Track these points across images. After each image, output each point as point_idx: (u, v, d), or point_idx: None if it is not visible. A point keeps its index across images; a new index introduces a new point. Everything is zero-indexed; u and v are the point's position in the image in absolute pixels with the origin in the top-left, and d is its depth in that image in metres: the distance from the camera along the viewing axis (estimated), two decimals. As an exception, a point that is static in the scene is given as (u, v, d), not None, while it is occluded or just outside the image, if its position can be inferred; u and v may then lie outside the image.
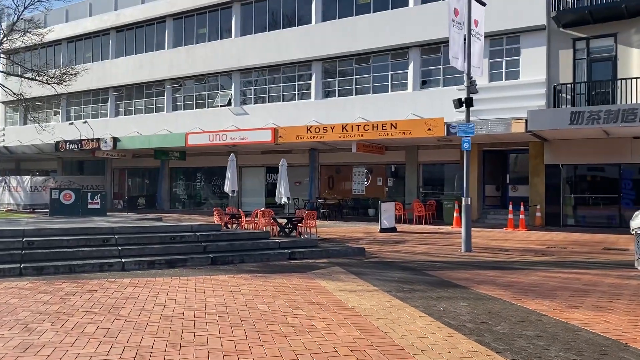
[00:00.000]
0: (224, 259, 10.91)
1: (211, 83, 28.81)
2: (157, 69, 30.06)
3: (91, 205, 16.40)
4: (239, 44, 27.49)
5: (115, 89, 32.00)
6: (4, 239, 10.43)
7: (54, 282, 8.78)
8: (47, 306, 7.06)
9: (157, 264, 10.29)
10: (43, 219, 14.67)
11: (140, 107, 31.33)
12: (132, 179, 33.52)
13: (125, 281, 8.89)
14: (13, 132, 36.53)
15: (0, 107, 38.11)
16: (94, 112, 33.11)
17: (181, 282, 8.78)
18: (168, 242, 11.42)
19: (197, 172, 30.20)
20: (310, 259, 11.52)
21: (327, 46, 24.66)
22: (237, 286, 8.46)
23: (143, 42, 31.17)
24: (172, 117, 29.49)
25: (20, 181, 29.63)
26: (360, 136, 20.60)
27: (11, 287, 8.30)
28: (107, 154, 28.91)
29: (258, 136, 23.41)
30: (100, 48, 32.93)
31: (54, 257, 10.12)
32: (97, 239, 11.01)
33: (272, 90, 26.82)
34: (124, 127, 30.57)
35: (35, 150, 30.99)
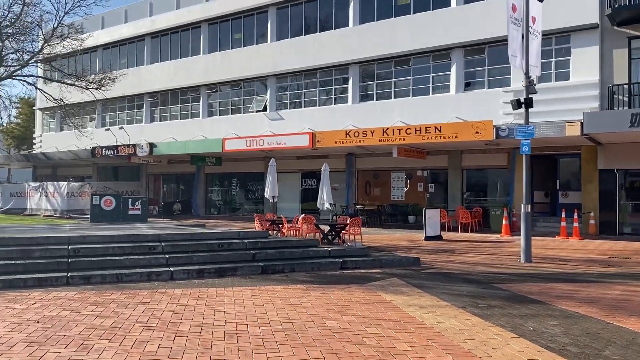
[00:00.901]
0: (275, 267, 10.39)
1: (247, 88, 28.54)
2: (193, 74, 29.94)
3: (132, 212, 16.13)
4: (274, 48, 27.16)
5: (150, 94, 32.03)
6: (49, 247, 10.12)
7: (103, 292, 8.37)
8: (101, 320, 6.62)
9: (206, 273, 9.82)
10: (85, 225, 14.42)
11: (175, 112, 31.27)
12: (167, 185, 33.45)
13: (177, 292, 8.42)
14: (50, 138, 36.96)
15: (38, 114, 38.65)
16: (129, 118, 33.21)
17: (236, 294, 8.27)
18: (216, 249, 10.96)
19: (232, 177, 29.91)
20: (362, 268, 10.91)
21: (364, 49, 24.11)
22: (296, 298, 7.90)
23: (178, 47, 31.13)
24: (208, 123, 29.31)
25: (57, 187, 29.78)
26: (402, 140, 19.93)
27: (60, 298, 7.92)
28: (142, 160, 28.83)
29: (295, 141, 22.93)
30: (135, 54, 33.05)
31: (100, 265, 9.75)
32: (143, 246, 10.62)
33: (307, 95, 26.38)
34: (159, 133, 30.52)
35: (71, 156, 31.16)
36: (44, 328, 6.21)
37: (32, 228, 12.98)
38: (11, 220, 16.31)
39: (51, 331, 6.09)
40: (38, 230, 12.17)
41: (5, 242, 10.15)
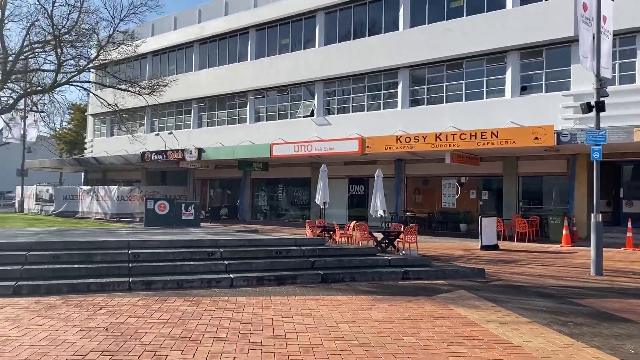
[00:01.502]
0: (335, 276, 10.07)
1: (294, 93, 28.46)
2: (240, 80, 30.10)
3: (185, 216, 16.17)
4: (322, 53, 27.00)
5: (198, 100, 32.40)
6: (110, 251, 10.12)
7: (166, 299, 8.24)
8: (169, 329, 6.44)
9: (265, 281, 9.60)
10: (141, 229, 14.49)
11: (222, 118, 31.51)
12: (214, 190, 33.73)
13: (240, 300, 8.21)
14: (101, 143, 37.90)
15: (90, 119, 39.73)
16: (177, 123, 33.68)
17: (300, 303, 7.99)
18: (274, 256, 10.74)
19: (278, 183, 29.86)
20: (425, 279, 10.47)
21: (415, 53, 23.64)
22: (365, 310, 7.56)
23: (226, 53, 31.39)
24: (255, 128, 29.37)
25: (108, 191, 30.41)
26: (456, 146, 19.35)
27: (124, 304, 7.82)
28: (191, 165, 29.14)
29: (344, 147, 22.66)
30: (184, 60, 33.54)
31: (161, 271, 9.66)
32: (201, 252, 10.50)
33: (356, 100, 26.07)
34: (206, 138, 30.79)
35: (122, 160, 31.81)
36: (113, 336, 6.08)
37: (90, 232, 13.12)
38: (68, 224, 16.59)
39: (121, 340, 5.95)
40: (97, 234, 12.27)
41: (67, 245, 10.22)
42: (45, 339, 5.94)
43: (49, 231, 13.03)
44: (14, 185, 49.47)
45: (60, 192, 33.89)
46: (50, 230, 13.52)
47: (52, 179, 50.31)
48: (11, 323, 6.61)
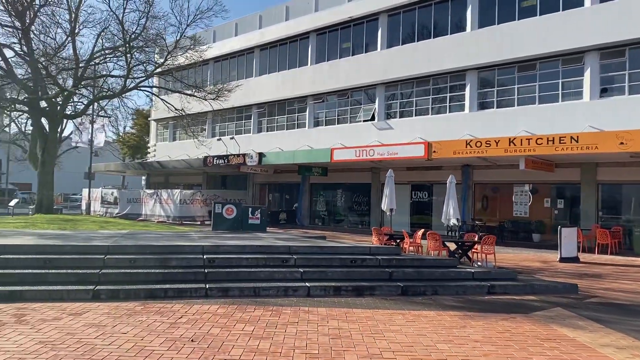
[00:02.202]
0: (415, 289, 9.50)
1: (354, 97, 28.03)
2: (300, 85, 29.96)
3: (252, 221, 16.01)
4: (384, 56, 26.44)
5: (258, 105, 32.51)
6: (185, 255, 9.97)
7: (245, 307, 7.94)
8: (256, 342, 6.10)
9: (343, 291, 9.16)
10: (210, 234, 14.38)
11: (282, 123, 31.46)
12: (272, 194, 33.72)
13: (322, 311, 7.80)
14: (163, 147, 38.74)
15: (152, 124, 40.73)
16: (238, 128, 33.92)
17: (386, 318, 7.50)
18: (349, 265, 10.30)
19: (337, 188, 29.45)
20: (512, 294, 9.73)
21: (483, 54, 22.70)
22: (459, 328, 6.97)
23: (286, 58, 31.35)
24: (314, 133, 29.12)
25: (171, 194, 30.88)
26: (532, 151, 18.31)
27: (204, 312, 7.56)
28: (251, 169, 29.19)
29: (408, 151, 21.96)
30: (244, 66, 33.77)
31: (236, 277, 9.41)
32: (275, 258, 10.19)
33: (419, 103, 25.34)
34: (265, 143, 30.81)
35: (184, 165, 32.29)
36: (201, 349, 5.78)
37: (162, 235, 13.11)
38: (137, 227, 16.77)
39: (209, 353, 5.64)
40: (169, 238, 12.21)
41: (142, 249, 10.15)
42: (132, 349, 5.71)
43: (121, 234, 13.12)
44: (79, 188, 51.51)
45: (124, 195, 34.73)
46: (121, 233, 13.62)
47: (114, 182, 52.01)
48: (95, 330, 6.46)
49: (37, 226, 14.85)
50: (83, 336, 6.16)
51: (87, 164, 35.77)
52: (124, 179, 51.39)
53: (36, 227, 14.45)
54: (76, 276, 8.77)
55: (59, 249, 9.75)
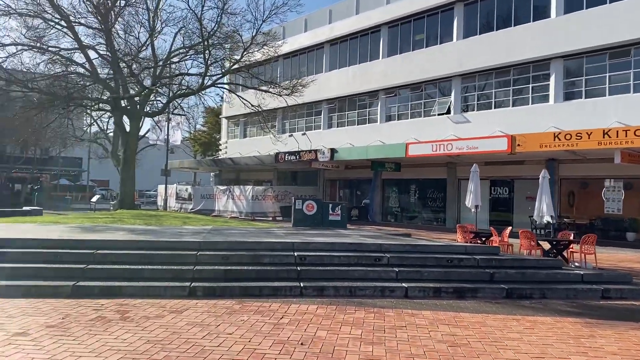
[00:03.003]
0: (521, 291, 8.83)
1: (428, 91, 27.18)
2: (371, 79, 29.43)
3: (332, 217, 15.72)
4: (460, 47, 25.43)
5: (328, 101, 32.25)
6: (276, 252, 9.77)
7: (344, 308, 7.60)
8: (368, 347, 5.72)
9: (443, 292, 8.64)
10: (292, 230, 14.20)
11: (352, 118, 31.06)
12: (343, 190, 33.40)
13: (427, 315, 7.32)
14: (234, 145, 39.33)
15: (224, 122, 41.46)
16: (308, 124, 33.83)
17: (500, 324, 6.92)
18: (445, 265, 9.75)
19: (410, 184, 28.70)
20: (630, 299, 8.87)
21: (570, 41, 21.28)
22: (587, 338, 6.30)
23: (357, 53, 30.90)
24: (386, 128, 28.51)
25: (243, 190, 31.26)
26: (629, 143, 16.94)
27: (304, 312, 7.28)
28: (322, 165, 29.00)
29: (489, 145, 20.97)
30: (314, 62, 33.61)
31: (329, 276, 9.09)
32: (367, 257, 9.80)
33: (498, 95, 24.17)
34: (336, 139, 30.51)
35: (256, 161, 32.59)
36: (313, 353, 5.47)
37: (247, 231, 13.05)
38: (218, 222, 16.88)
39: (323, 358, 5.32)
40: (255, 234, 12.10)
41: (233, 246, 10.04)
42: (242, 352, 5.48)
43: (207, 230, 13.16)
44: (152, 184, 53.38)
45: (198, 191, 35.59)
46: (206, 229, 13.68)
47: (186, 178, 53.47)
48: (200, 329, 6.30)
49: (124, 221, 15.22)
50: (189, 336, 6.01)
51: (160, 161, 36.90)
52: (196, 175, 52.72)
53: (124, 223, 14.81)
54: (171, 272, 8.74)
55: (152, 245, 9.81)
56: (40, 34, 21.32)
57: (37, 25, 21.75)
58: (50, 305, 7.35)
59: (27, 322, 6.38)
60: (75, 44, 21.84)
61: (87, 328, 6.21)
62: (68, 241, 9.77)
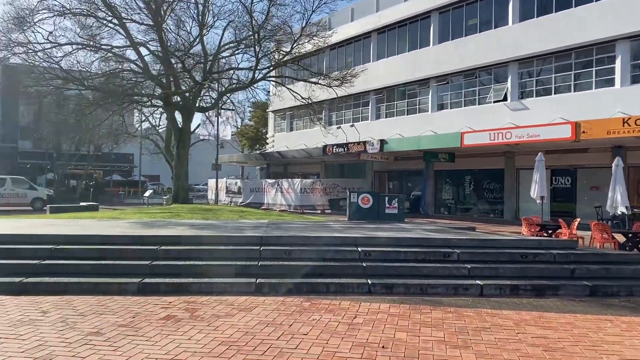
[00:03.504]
0: (606, 289, 8.20)
1: (482, 77, 26.18)
2: (421, 67, 28.63)
3: (389, 210, 15.28)
4: (516, 31, 24.31)
5: (376, 91, 31.63)
6: (338, 248, 9.44)
7: (419, 307, 7.20)
8: (455, 351, 5.32)
9: (521, 290, 8.10)
10: (348, 224, 13.86)
11: (401, 108, 30.36)
12: (393, 182, 32.81)
13: (509, 315, 6.84)
14: (281, 138, 39.29)
15: (270, 115, 41.47)
16: (355, 116, 33.35)
17: (592, 324, 6.36)
18: (519, 261, 9.18)
19: (464, 175, 27.82)
20: None
21: (638, 20, 19.94)
22: (698, 343, 5.68)
23: (405, 41, 30.14)
24: (437, 117, 27.70)
25: (291, 184, 31.16)
26: None
27: (378, 312, 6.92)
28: (371, 157, 28.49)
29: (552, 133, 19.94)
30: (361, 52, 33.04)
31: (396, 272, 8.70)
32: (434, 252, 9.34)
33: (558, 80, 22.99)
34: (384, 130, 29.92)
35: (304, 154, 32.39)
36: (397, 358, 5.11)
37: (304, 225, 12.80)
38: (272, 216, 16.72)
39: (410, 363, 4.96)
40: (313, 229, 11.82)
41: (293, 240, 9.79)
42: (322, 355, 5.18)
43: (265, 224, 12.98)
44: (201, 179, 54.20)
45: (247, 185, 35.78)
46: (263, 223, 13.51)
47: (233, 172, 54.01)
48: (273, 329, 6.05)
49: (181, 216, 15.27)
50: (264, 337, 5.77)
51: (207, 156, 37.26)
52: (243, 169, 53.17)
53: (182, 217, 14.84)
54: (236, 268, 8.56)
55: (214, 240, 9.67)
56: (93, 32, 21.71)
57: (90, 24, 22.19)
58: (118, 302, 7.28)
59: (99, 321, 6.29)
60: (127, 41, 22.16)
61: (159, 328, 6.06)
62: (131, 237, 9.75)
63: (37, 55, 20.24)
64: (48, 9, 21.23)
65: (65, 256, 8.86)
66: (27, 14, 20.40)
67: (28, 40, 20.09)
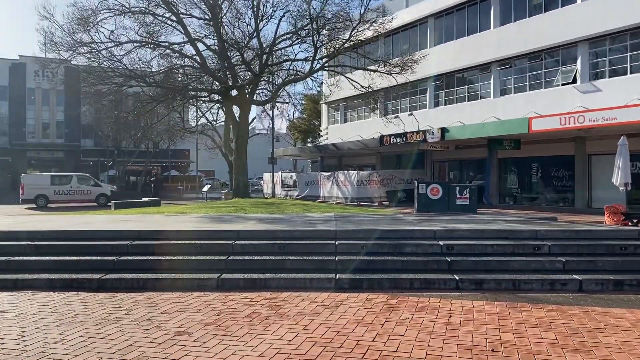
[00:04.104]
0: None
1: (548, 59, 24.83)
2: (481, 51, 27.48)
3: (459, 201, 14.62)
4: (586, 9, 22.84)
5: (434, 78, 30.67)
6: (418, 242, 8.97)
7: (516, 304, 6.66)
8: (575, 356, 4.77)
9: (625, 285, 7.41)
10: (418, 216, 13.32)
11: (461, 95, 29.31)
12: (453, 172, 31.82)
13: (622, 313, 6.19)
14: (335, 130, 38.90)
15: (324, 107, 41.13)
16: (412, 104, 32.50)
17: None
18: (619, 253, 8.44)
19: (531, 162, 26.54)
20: None
21: None
22: None
23: (464, 25, 29.01)
24: (500, 103, 26.54)
25: (348, 176, 30.71)
26: None
27: (472, 310, 6.43)
28: (431, 146, 27.66)
29: (631, 115, 18.58)
30: (417, 38, 32.10)
31: (484, 267, 8.16)
32: (522, 245, 8.71)
33: (633, 59, 21.45)
34: (444, 118, 28.96)
35: (360, 145, 31.87)
36: (513, 362, 4.63)
37: (372, 219, 12.35)
38: (337, 209, 16.35)
39: (529, 369, 4.46)
40: (385, 222, 11.37)
41: (369, 234, 9.38)
42: (429, 359, 4.76)
43: (333, 217, 12.64)
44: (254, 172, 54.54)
45: (302, 178, 35.61)
46: (329, 216, 13.18)
47: (284, 166, 54.13)
48: (366, 329, 5.68)
49: (246, 210, 15.16)
50: (358, 337, 5.40)
51: (260, 150, 37.32)
52: (295, 162, 53.19)
53: (247, 212, 14.72)
54: (313, 263, 8.26)
55: (288, 234, 9.40)
56: (152, 28, 21.95)
57: (149, 22, 22.45)
58: (199, 299, 7.11)
59: (184, 320, 6.11)
60: (184, 37, 22.31)
61: (246, 327, 5.81)
62: (206, 232, 9.63)
63: (100, 54, 20.65)
64: (108, 8, 21.63)
65: (142, 252, 8.82)
66: (90, 14, 20.82)
67: (92, 39, 20.51)
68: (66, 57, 19.89)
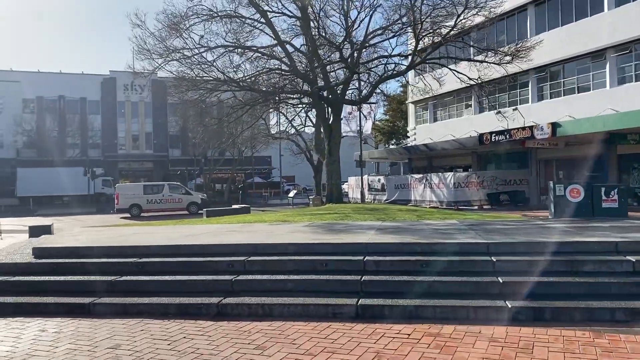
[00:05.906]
0: None
1: (678, 40, 21.72)
2: (593, 37, 24.64)
3: (606, 204, 12.47)
4: None
5: (536, 70, 28.01)
6: (599, 257, 7.13)
7: None
8: None
9: None
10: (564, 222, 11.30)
11: (570, 86, 26.52)
12: (562, 171, 28.90)
13: None
14: (423, 130, 36.94)
15: (410, 107, 39.23)
16: (511, 99, 29.98)
17: None
18: None
19: (658, 158, 23.43)
20: None
21: None
22: None
23: (571, 9, 26.26)
24: (620, 92, 23.59)
25: (442, 178, 28.79)
26: None
27: None
28: (538, 143, 25.14)
29: None
30: (515, 28, 29.58)
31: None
32: None
33: None
34: (550, 112, 26.31)
35: (455, 145, 29.78)
36: None
37: (514, 227, 10.48)
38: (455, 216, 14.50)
39: None
40: (532, 231, 9.53)
41: (530, 248, 7.66)
42: None
43: (459, 225, 10.90)
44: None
45: (390, 181, 34.04)
46: (454, 223, 11.45)
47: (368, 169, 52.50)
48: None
49: (352, 217, 13.77)
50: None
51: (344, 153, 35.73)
52: (378, 165, 51.48)
53: (353, 219, 13.32)
54: (471, 286, 6.68)
55: (428, 248, 7.86)
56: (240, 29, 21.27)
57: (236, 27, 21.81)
58: (342, 333, 5.74)
59: (338, 365, 4.75)
60: (272, 40, 21.48)
61: (427, 380, 4.34)
62: (328, 245, 8.29)
63: (192, 59, 20.19)
64: (197, 14, 21.18)
65: (260, 270, 7.62)
66: (180, 20, 20.44)
67: (185, 44, 20.11)
68: (159, 63, 19.55)
